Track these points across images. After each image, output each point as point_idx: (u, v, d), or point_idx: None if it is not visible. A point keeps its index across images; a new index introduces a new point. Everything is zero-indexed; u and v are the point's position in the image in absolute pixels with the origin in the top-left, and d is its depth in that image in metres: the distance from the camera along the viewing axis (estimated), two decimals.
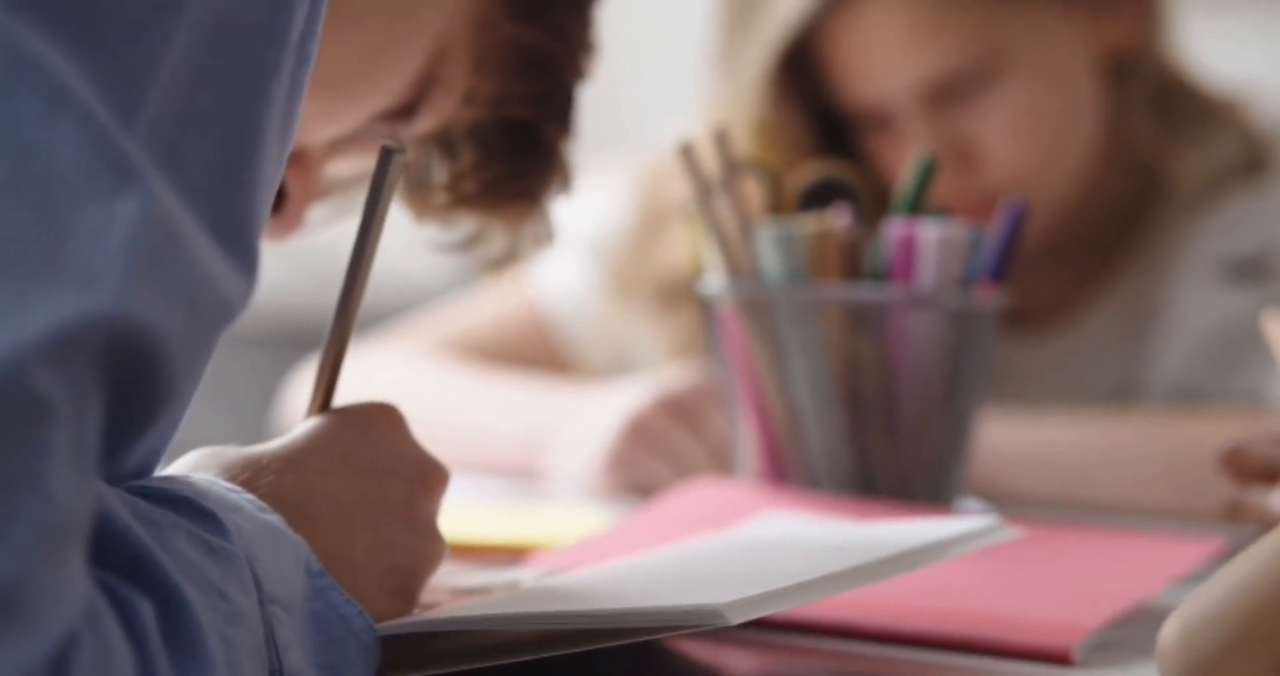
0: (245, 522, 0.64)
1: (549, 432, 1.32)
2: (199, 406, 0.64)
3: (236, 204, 0.61)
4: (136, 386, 0.57)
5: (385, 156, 0.69)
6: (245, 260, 0.61)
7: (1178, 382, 1.42)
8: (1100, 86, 1.42)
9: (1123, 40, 1.43)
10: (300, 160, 0.81)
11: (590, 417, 1.28)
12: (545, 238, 0.88)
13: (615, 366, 1.50)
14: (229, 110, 0.60)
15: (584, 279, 1.51)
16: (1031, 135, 1.38)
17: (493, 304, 1.57)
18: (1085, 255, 1.48)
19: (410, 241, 0.78)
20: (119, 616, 0.55)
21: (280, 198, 0.81)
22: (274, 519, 0.66)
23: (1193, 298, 1.42)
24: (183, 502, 0.62)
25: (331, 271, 0.73)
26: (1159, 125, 1.44)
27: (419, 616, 0.71)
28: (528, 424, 1.34)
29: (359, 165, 0.85)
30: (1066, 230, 1.45)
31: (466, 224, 0.88)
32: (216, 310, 0.60)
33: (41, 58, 0.55)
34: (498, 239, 0.88)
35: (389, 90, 0.78)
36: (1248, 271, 1.41)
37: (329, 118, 0.78)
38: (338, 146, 0.81)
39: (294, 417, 1.41)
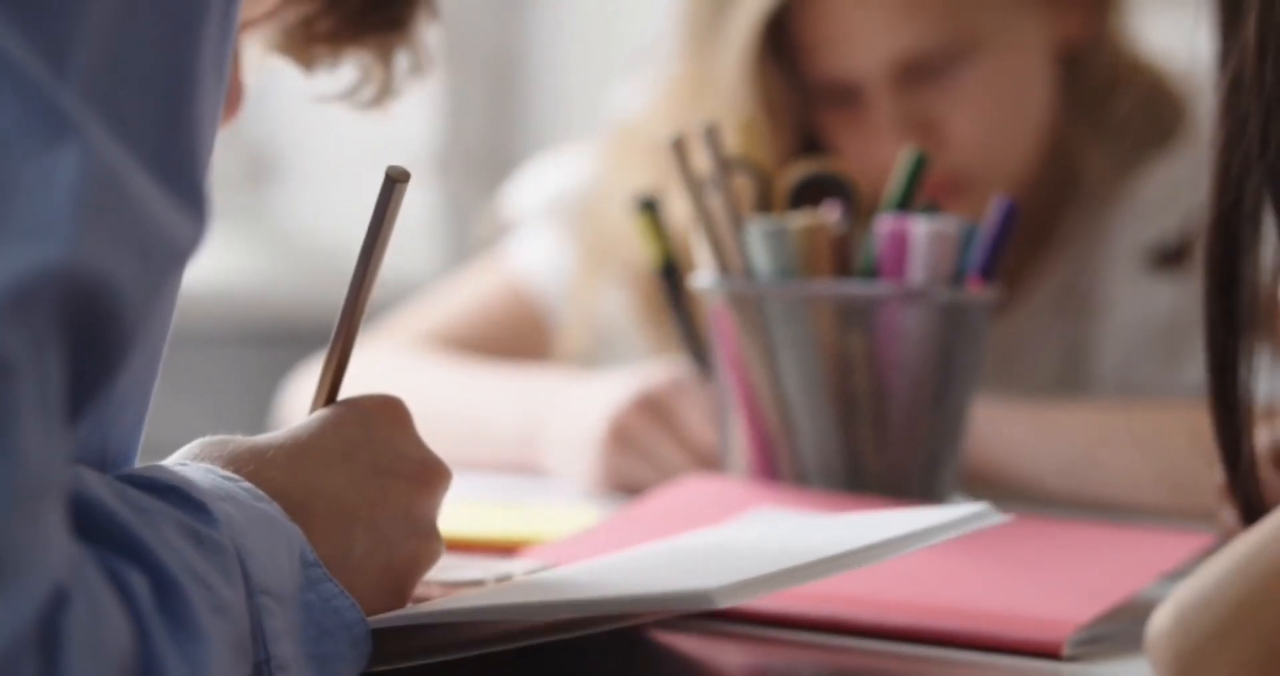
0: (237, 511, 0.64)
1: (541, 428, 1.33)
2: (195, 405, 0.64)
3: (178, 146, 0.61)
4: (94, 338, 0.57)
5: (388, 185, 0.71)
6: (193, 201, 0.61)
7: (1121, 376, 1.42)
8: (1053, 77, 1.44)
9: (1077, 33, 1.45)
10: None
11: (574, 416, 1.29)
12: (421, 67, 0.90)
13: (601, 338, 1.51)
14: (161, 55, 0.60)
15: (561, 249, 1.52)
16: (992, 119, 1.41)
17: (473, 290, 1.57)
18: (1019, 242, 1.48)
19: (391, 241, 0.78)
20: (111, 583, 0.55)
21: None
22: (269, 507, 0.65)
23: (1122, 289, 1.44)
24: (171, 491, 0.62)
25: (328, 271, 0.73)
26: (1092, 119, 1.45)
27: (410, 610, 0.71)
28: (521, 419, 1.35)
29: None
30: None
31: (348, 69, 0.90)
32: (168, 254, 0.60)
33: None
34: (376, 76, 0.90)
35: None
36: (1174, 259, 1.42)
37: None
38: (251, 25, 0.82)
39: (294, 416, 1.41)
